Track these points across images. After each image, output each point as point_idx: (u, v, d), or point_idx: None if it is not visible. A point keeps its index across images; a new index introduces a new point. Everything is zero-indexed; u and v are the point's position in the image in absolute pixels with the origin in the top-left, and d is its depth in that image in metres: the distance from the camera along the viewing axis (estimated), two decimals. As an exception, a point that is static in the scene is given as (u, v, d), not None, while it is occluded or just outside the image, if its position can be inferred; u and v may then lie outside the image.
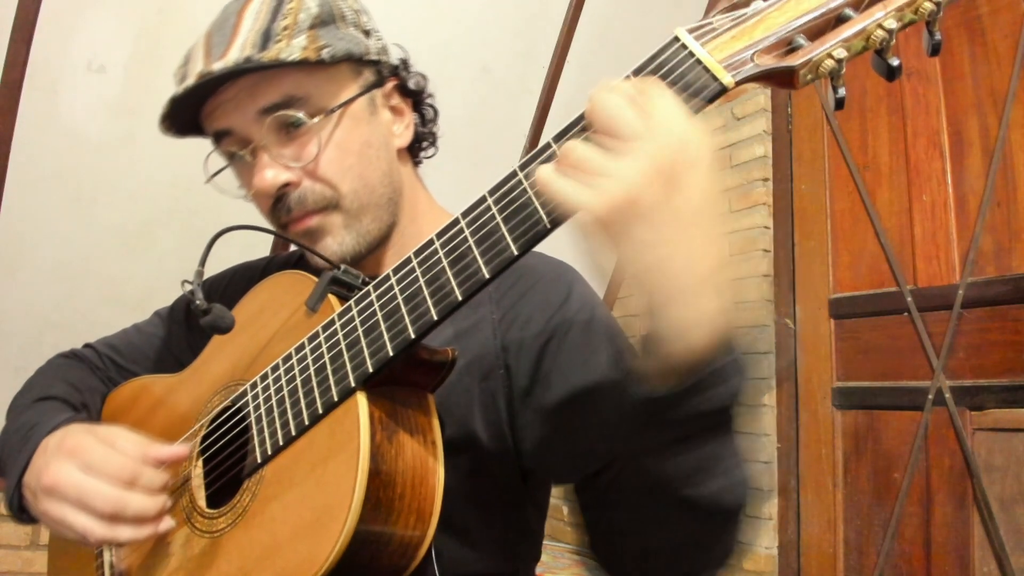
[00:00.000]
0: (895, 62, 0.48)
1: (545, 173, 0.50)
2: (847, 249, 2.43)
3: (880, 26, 0.47)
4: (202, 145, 0.83)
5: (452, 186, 0.92)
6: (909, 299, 2.19)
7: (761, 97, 2.70)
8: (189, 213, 2.19)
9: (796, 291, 2.55)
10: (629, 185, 0.46)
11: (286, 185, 0.77)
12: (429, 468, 0.63)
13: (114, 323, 1.09)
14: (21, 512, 0.79)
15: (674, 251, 0.47)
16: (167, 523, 0.70)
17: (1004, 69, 2.07)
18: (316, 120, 0.76)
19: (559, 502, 2.89)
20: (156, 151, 2.03)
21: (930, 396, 2.09)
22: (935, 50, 0.48)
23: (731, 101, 2.80)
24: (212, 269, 1.03)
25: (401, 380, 0.64)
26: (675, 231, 0.47)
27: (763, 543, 2.42)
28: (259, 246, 2.12)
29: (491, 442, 0.75)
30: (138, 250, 2.26)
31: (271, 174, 0.76)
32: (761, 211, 2.63)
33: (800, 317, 2.53)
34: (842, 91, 0.50)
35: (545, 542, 0.87)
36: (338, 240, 0.79)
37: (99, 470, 0.68)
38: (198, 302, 0.68)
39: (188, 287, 0.68)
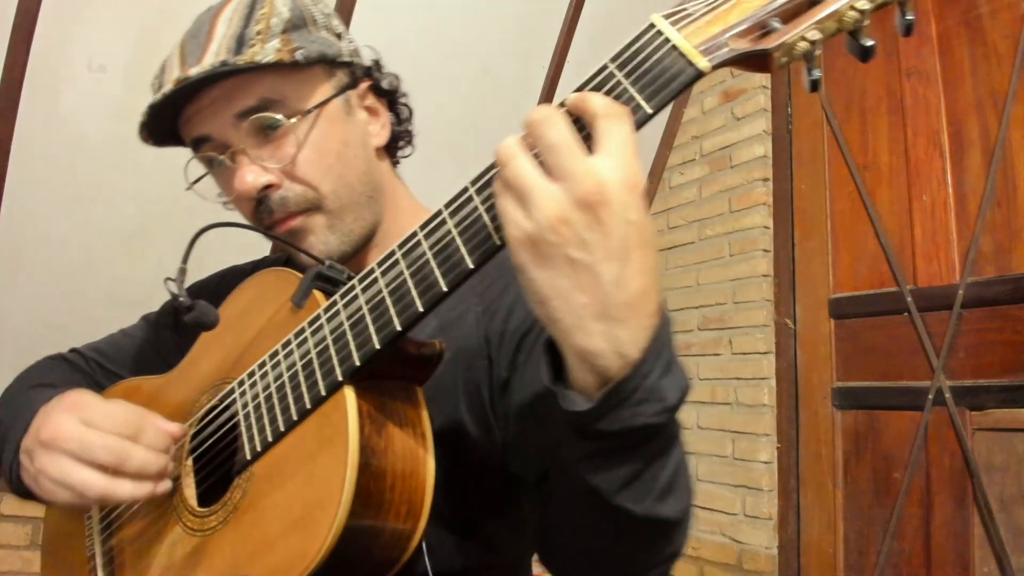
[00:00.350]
0: (868, 43, 0.48)
1: (497, 185, 0.51)
2: (847, 249, 2.42)
3: (853, 7, 0.47)
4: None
5: (452, 186, 0.92)
6: (909, 299, 2.19)
7: (761, 97, 2.69)
8: (189, 213, 2.17)
9: (796, 291, 2.55)
10: (558, 210, 0.47)
11: (267, 187, 0.78)
12: (419, 460, 0.63)
13: (114, 323, 1.09)
14: (19, 483, 0.78)
15: (599, 275, 0.47)
16: (165, 484, 0.70)
17: (1004, 69, 2.07)
18: (293, 121, 0.77)
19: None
20: (156, 151, 2.02)
21: (930, 396, 2.09)
22: (907, 30, 0.48)
23: (731, 101, 2.80)
24: (211, 269, 1.04)
25: (389, 374, 0.64)
26: (600, 258, 0.47)
27: (763, 543, 2.41)
28: (258, 248, 2.12)
29: (479, 434, 0.74)
30: (138, 250, 2.26)
31: (251, 176, 0.77)
32: (761, 211, 2.63)
33: (800, 317, 2.52)
34: (816, 72, 0.50)
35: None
36: (323, 240, 0.80)
37: (100, 424, 0.68)
38: (181, 299, 0.68)
39: (171, 284, 0.69)
